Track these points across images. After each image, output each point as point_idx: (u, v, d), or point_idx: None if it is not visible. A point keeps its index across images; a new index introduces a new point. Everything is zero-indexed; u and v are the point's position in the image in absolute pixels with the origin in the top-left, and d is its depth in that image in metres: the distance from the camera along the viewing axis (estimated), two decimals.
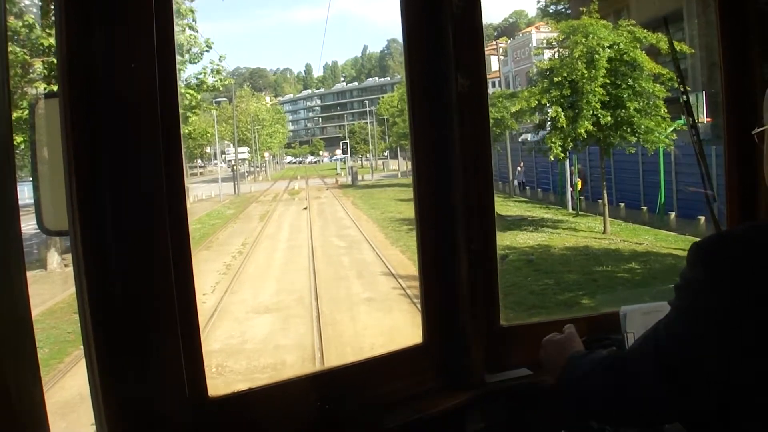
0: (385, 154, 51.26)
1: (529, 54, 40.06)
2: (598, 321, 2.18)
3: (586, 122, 15.01)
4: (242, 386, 1.83)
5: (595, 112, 15.00)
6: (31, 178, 1.64)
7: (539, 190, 25.16)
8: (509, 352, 2.19)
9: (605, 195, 16.64)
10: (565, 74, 15.37)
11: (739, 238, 1.24)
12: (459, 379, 2.13)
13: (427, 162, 2.13)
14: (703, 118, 15.04)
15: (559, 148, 15.63)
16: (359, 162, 51.16)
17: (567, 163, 19.85)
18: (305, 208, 27.87)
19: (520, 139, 29.50)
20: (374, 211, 25.11)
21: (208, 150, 45.49)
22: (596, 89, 14.93)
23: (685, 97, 2.23)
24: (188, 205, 1.72)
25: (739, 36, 2.28)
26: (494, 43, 44.15)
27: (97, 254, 1.54)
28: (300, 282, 13.58)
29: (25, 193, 1.50)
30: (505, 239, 15.63)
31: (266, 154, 52.94)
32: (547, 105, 16.00)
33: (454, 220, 2.13)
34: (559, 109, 15.52)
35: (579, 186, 20.17)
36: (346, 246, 18.13)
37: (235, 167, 41.81)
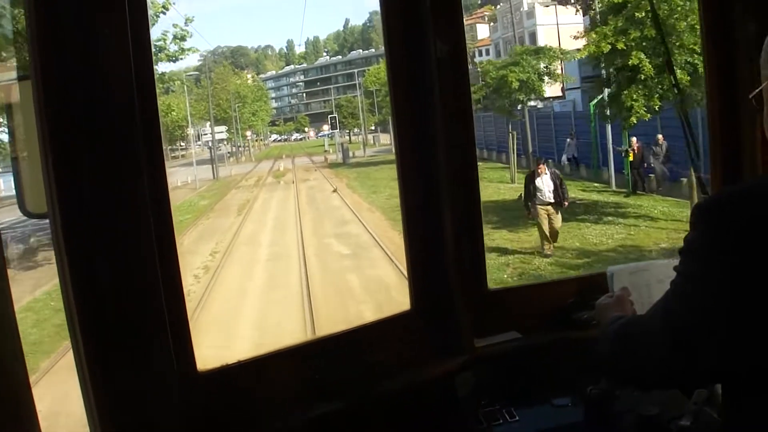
0: (372, 128, 50.54)
1: (521, 19, 39.82)
2: (587, 282, 2.27)
3: (678, 71, 11.08)
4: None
5: (689, 59, 11.54)
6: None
7: (567, 163, 22.66)
8: (498, 316, 2.27)
9: (693, 171, 11.84)
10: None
11: (742, 196, 1.24)
12: (448, 344, 2.21)
13: (409, 129, 2.20)
14: None
15: (643, 108, 12.70)
16: (347, 137, 50.26)
17: (608, 131, 17.90)
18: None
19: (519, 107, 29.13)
20: (376, 196, 21.43)
21: (190, 131, 44.77)
22: (694, 25, 11.28)
23: (667, 56, 2.29)
24: None
25: None
26: (479, 11, 43.78)
27: (77, 235, 1.58)
28: (289, 330, 9.20)
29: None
30: (569, 237, 12.96)
31: (248, 133, 51.73)
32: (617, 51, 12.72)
33: (438, 186, 2.19)
34: (642, 55, 12.43)
35: (631, 158, 17.36)
36: (350, 254, 14.14)
37: (213, 148, 38.64)
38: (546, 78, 21.39)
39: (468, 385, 2.16)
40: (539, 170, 12.94)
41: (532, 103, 30.15)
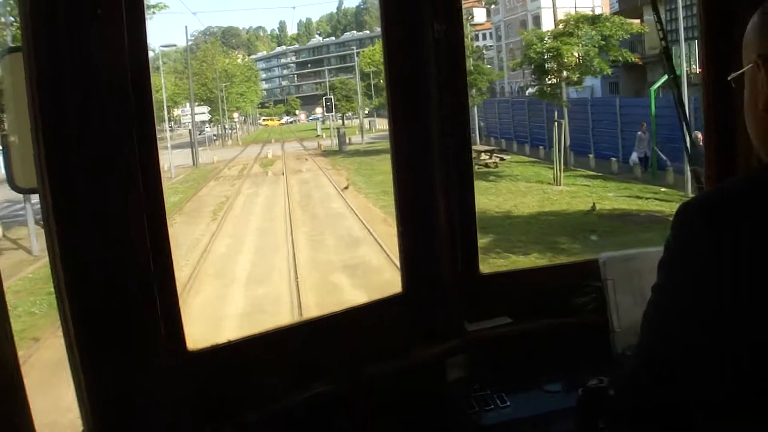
0: (366, 112, 49.29)
1: (524, 1, 39.48)
2: (579, 268, 2.33)
3: None
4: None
5: None
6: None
7: (636, 163, 19.11)
8: (490, 301, 2.32)
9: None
10: None
11: (737, 193, 1.21)
12: (439, 328, 2.26)
13: (403, 111, 2.23)
14: (696, 68, 13.46)
15: None
16: (339, 121, 48.76)
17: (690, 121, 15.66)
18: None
19: (528, 92, 25.77)
20: (389, 198, 11.58)
21: (178, 112, 43.68)
22: None
23: (664, 43, 2.32)
24: None
25: None
26: None
27: (67, 211, 1.60)
28: None
29: None
30: None
31: (236, 115, 50.38)
32: None
33: (432, 167, 2.23)
34: None
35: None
36: None
37: (192, 131, 35.03)
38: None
39: (459, 370, 2.21)
40: None
41: None
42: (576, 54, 17.51)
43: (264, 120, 64.94)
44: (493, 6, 43.00)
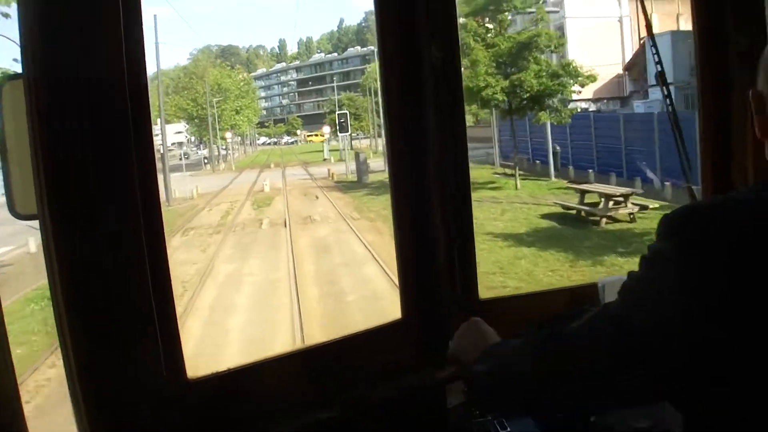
0: (371, 132, 48.07)
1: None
2: (577, 293, 2.38)
3: None
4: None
5: None
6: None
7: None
8: (489, 325, 2.36)
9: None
10: None
11: (711, 207, 1.28)
12: (439, 353, 2.30)
13: (401, 135, 2.30)
14: None
15: None
16: (345, 142, 47.69)
17: None
18: None
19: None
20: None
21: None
22: None
23: (659, 66, 2.40)
24: None
25: (714, 4, 2.42)
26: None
27: (67, 238, 1.66)
28: None
29: None
30: None
31: (228, 135, 46.05)
32: None
33: (431, 193, 2.29)
34: None
35: None
36: None
37: (164, 156, 28.15)
38: None
39: (459, 396, 2.23)
40: None
41: (583, 104, 25.42)
42: None
43: (308, 136, 62.16)
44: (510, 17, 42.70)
